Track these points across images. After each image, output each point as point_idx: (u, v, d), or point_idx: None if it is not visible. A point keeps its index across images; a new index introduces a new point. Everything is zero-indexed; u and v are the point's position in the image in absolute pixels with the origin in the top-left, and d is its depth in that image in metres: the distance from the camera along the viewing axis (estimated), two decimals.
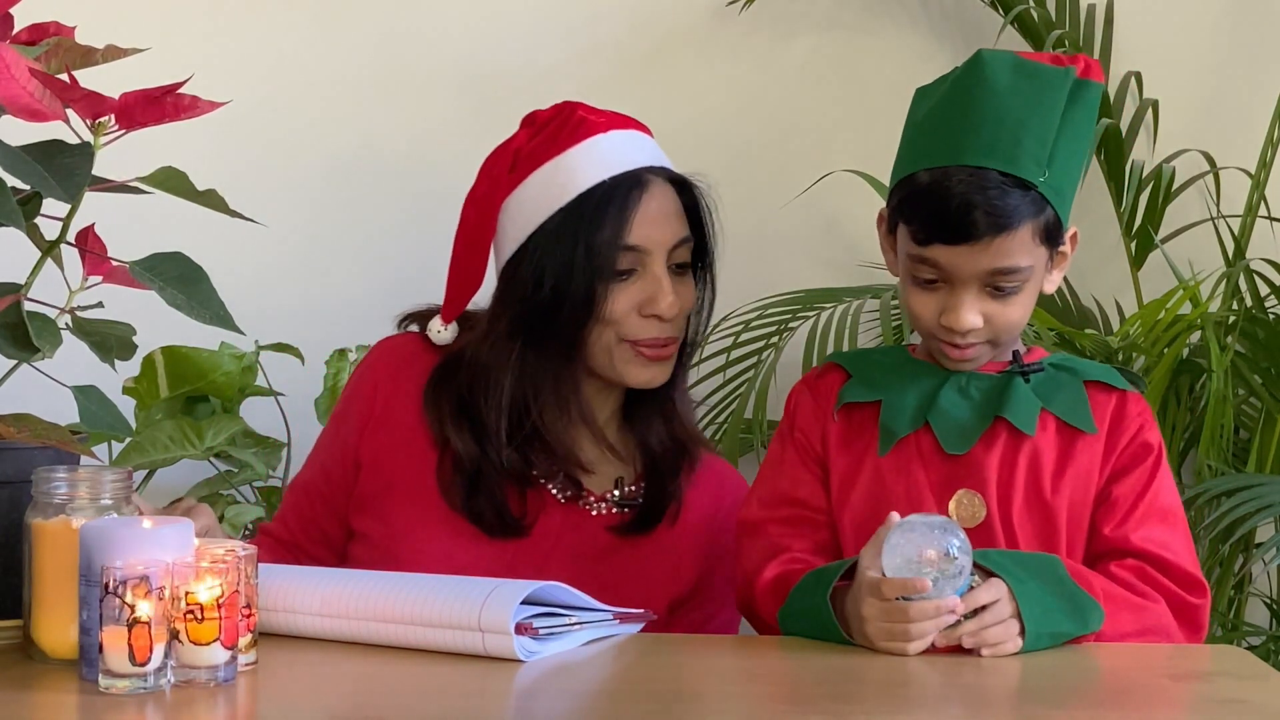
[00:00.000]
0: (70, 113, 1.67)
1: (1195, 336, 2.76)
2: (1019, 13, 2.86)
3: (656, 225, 2.04)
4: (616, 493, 2.11)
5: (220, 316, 1.71)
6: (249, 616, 1.58)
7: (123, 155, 1.71)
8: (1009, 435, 1.87)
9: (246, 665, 1.58)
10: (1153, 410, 2.57)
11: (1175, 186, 2.84)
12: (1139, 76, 2.95)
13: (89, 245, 1.77)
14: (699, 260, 2.11)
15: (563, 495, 2.09)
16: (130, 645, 1.49)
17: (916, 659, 1.69)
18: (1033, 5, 2.88)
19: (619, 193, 2.03)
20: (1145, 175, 2.83)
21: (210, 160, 2.27)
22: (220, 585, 1.52)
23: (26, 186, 1.63)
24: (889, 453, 1.88)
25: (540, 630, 1.67)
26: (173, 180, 1.71)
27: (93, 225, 1.79)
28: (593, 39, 3.00)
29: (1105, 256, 2.95)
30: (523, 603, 1.66)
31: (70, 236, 1.73)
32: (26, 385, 1.77)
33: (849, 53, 3.02)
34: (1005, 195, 1.79)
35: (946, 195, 1.79)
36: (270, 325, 2.80)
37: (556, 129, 2.07)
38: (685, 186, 2.09)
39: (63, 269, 1.76)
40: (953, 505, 1.86)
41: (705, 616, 2.11)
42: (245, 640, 1.57)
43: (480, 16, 3.00)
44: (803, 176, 2.90)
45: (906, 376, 1.92)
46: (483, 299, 2.13)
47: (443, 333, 2.12)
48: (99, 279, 1.77)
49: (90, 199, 1.68)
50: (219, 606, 1.52)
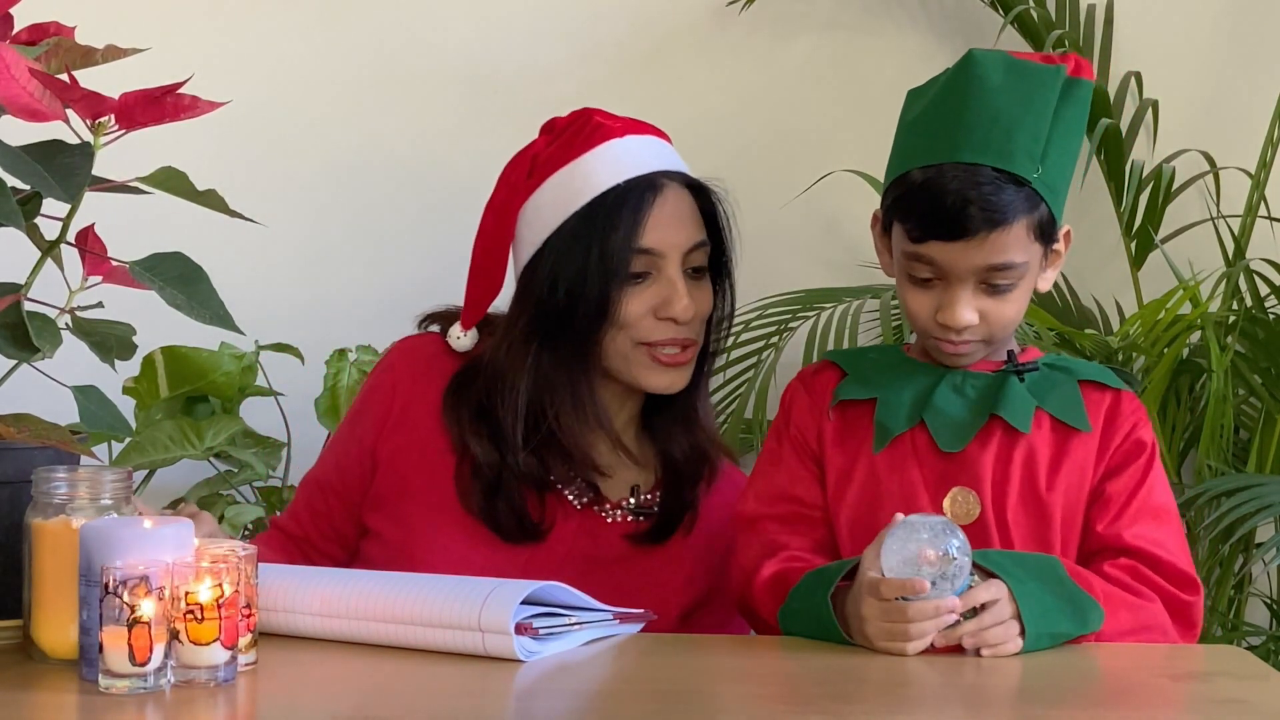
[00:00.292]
0: (70, 113, 1.67)
1: (1195, 336, 2.76)
2: (1019, 13, 2.86)
3: (670, 228, 2.04)
4: (632, 500, 2.11)
5: (220, 316, 1.71)
6: (249, 616, 1.58)
7: (123, 155, 1.71)
8: (1004, 433, 1.87)
9: (246, 665, 1.58)
10: (1151, 410, 2.59)
11: (1175, 186, 2.84)
12: (1139, 76, 2.94)
13: (89, 245, 1.77)
14: (717, 267, 2.10)
15: (579, 502, 2.09)
16: (130, 645, 1.48)
17: (916, 659, 1.69)
18: (1033, 5, 2.88)
19: (633, 196, 2.03)
20: (1145, 175, 2.83)
21: (210, 160, 2.27)
22: (220, 585, 1.52)
23: (26, 186, 1.63)
24: (884, 450, 1.88)
25: (540, 630, 1.67)
26: (173, 180, 1.71)
27: (93, 225, 1.78)
28: (593, 39, 3.00)
29: (1105, 256, 2.95)
30: (523, 603, 1.66)
31: (70, 236, 1.73)
32: (26, 385, 1.77)
33: (849, 53, 3.02)
34: (1000, 191, 1.79)
35: (941, 192, 1.79)
36: (270, 325, 2.79)
37: (573, 134, 2.07)
38: (702, 191, 2.08)
39: (63, 269, 1.76)
40: (947, 503, 1.86)
41: (718, 623, 2.10)
42: (245, 640, 1.57)
43: (481, 17, 3.00)
44: (803, 176, 2.90)
45: (902, 375, 1.92)
46: (503, 304, 2.13)
47: (462, 339, 2.11)
48: (99, 279, 1.77)
49: (90, 199, 1.68)
50: (219, 606, 1.52)
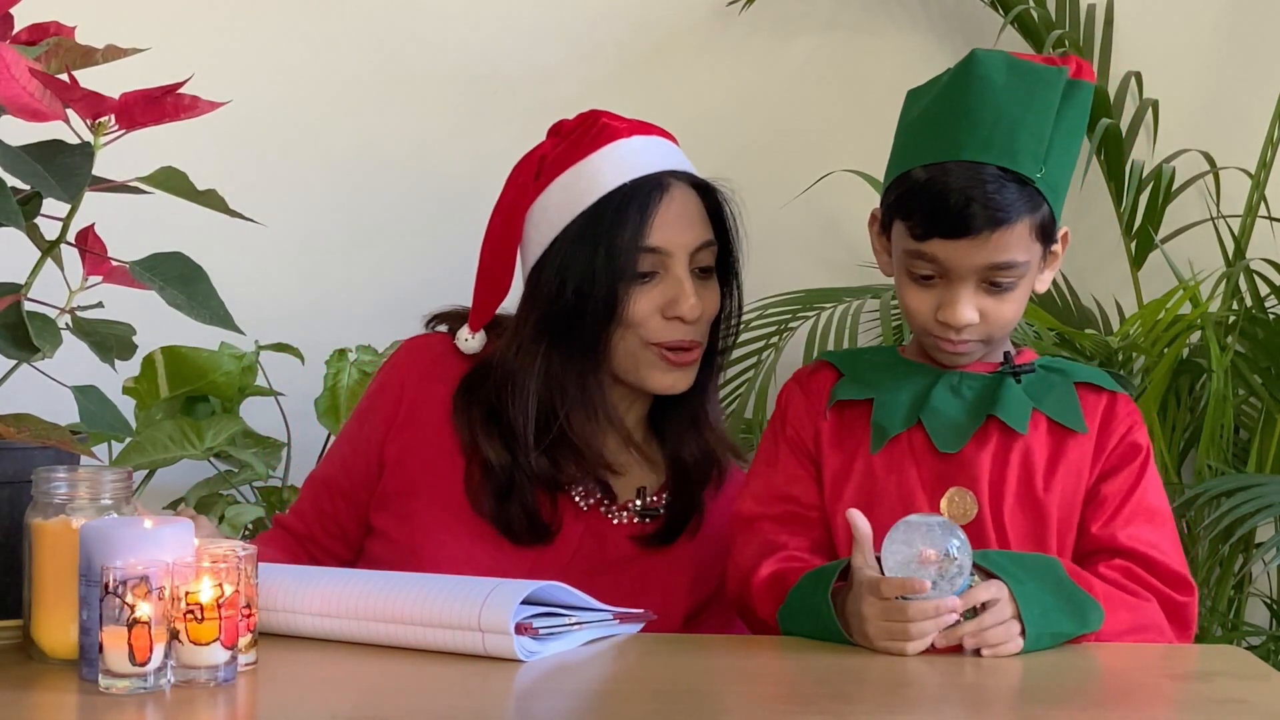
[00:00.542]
0: (70, 113, 1.67)
1: (1195, 336, 2.76)
2: (1019, 13, 2.86)
3: (677, 227, 2.04)
4: (638, 502, 2.10)
5: (220, 316, 1.71)
6: (249, 616, 1.58)
7: (123, 155, 1.71)
8: (1001, 434, 1.87)
9: (246, 665, 1.58)
10: (1151, 410, 2.59)
11: (1175, 186, 2.84)
12: (1139, 76, 2.95)
13: (89, 245, 1.77)
14: (724, 267, 2.11)
15: (585, 503, 2.09)
16: (130, 645, 1.48)
17: (916, 659, 1.68)
18: (1033, 5, 2.88)
19: (640, 195, 2.03)
20: (1145, 175, 2.83)
21: (210, 160, 2.27)
22: (220, 585, 1.52)
23: (26, 186, 1.63)
24: (881, 451, 1.88)
25: (540, 630, 1.67)
26: (173, 180, 1.71)
27: (93, 225, 1.78)
28: (594, 40, 3.00)
29: (1105, 256, 2.95)
30: (523, 603, 1.66)
31: (70, 236, 1.73)
32: (26, 385, 1.77)
33: (849, 53, 3.03)
34: (1003, 189, 1.79)
35: (945, 190, 1.79)
36: (270, 325, 2.80)
37: (580, 135, 2.07)
38: (709, 191, 2.08)
39: (63, 269, 1.76)
40: (944, 503, 1.86)
41: (722, 625, 2.10)
42: (245, 640, 1.57)
43: (481, 17, 3.00)
44: (803, 176, 2.90)
45: (899, 375, 1.92)
46: (511, 305, 2.12)
47: (470, 341, 2.11)
48: (99, 279, 1.77)
49: (90, 199, 1.68)
50: (219, 606, 1.52)
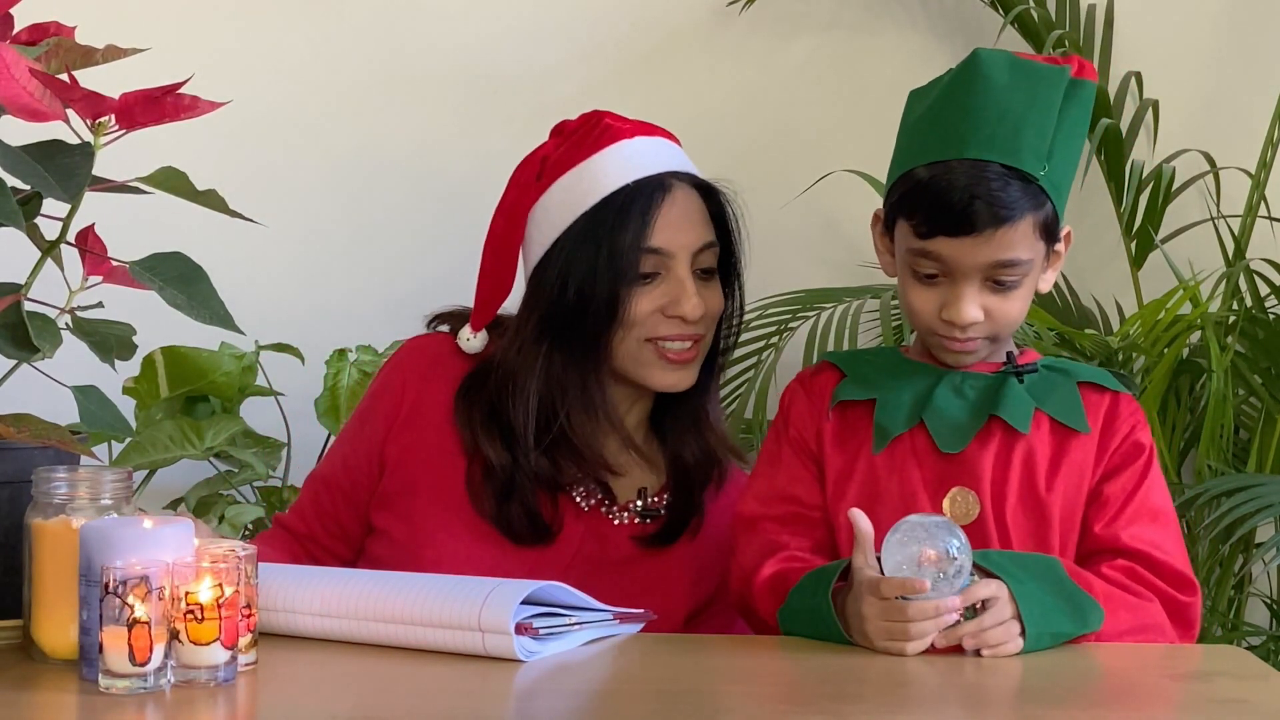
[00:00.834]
0: (70, 113, 1.67)
1: (1195, 336, 2.76)
2: (1019, 13, 2.86)
3: (679, 228, 2.04)
4: (639, 503, 2.10)
5: (220, 316, 1.71)
6: (249, 616, 1.58)
7: (123, 155, 1.71)
8: (1003, 434, 1.87)
9: (246, 665, 1.58)
10: (1151, 410, 2.59)
11: (1175, 186, 2.84)
12: (1139, 76, 2.95)
13: (89, 245, 1.77)
14: (726, 267, 2.11)
15: (586, 504, 2.09)
16: (130, 645, 1.48)
17: (916, 659, 1.68)
18: (1033, 5, 2.88)
19: (641, 196, 2.03)
20: (1145, 175, 2.83)
21: (210, 160, 2.27)
22: (220, 585, 1.52)
23: (26, 186, 1.63)
24: (883, 451, 1.88)
25: (540, 630, 1.67)
26: (173, 180, 1.71)
27: (93, 225, 1.78)
28: (594, 40, 3.00)
29: (1105, 256, 2.95)
30: (523, 603, 1.66)
31: (70, 236, 1.73)
32: (26, 385, 1.77)
33: (849, 53, 3.02)
34: (1007, 187, 1.79)
35: (949, 187, 1.79)
36: (270, 325, 2.80)
37: (582, 136, 2.07)
38: (710, 192, 2.08)
39: (63, 269, 1.76)
40: (947, 503, 1.86)
41: (723, 626, 2.10)
42: (245, 640, 1.57)
43: (482, 18, 3.00)
44: (803, 176, 2.90)
45: (901, 376, 1.92)
46: (513, 305, 2.12)
47: (472, 341, 2.11)
48: (99, 279, 1.77)
49: (90, 199, 1.68)
50: (219, 606, 1.52)
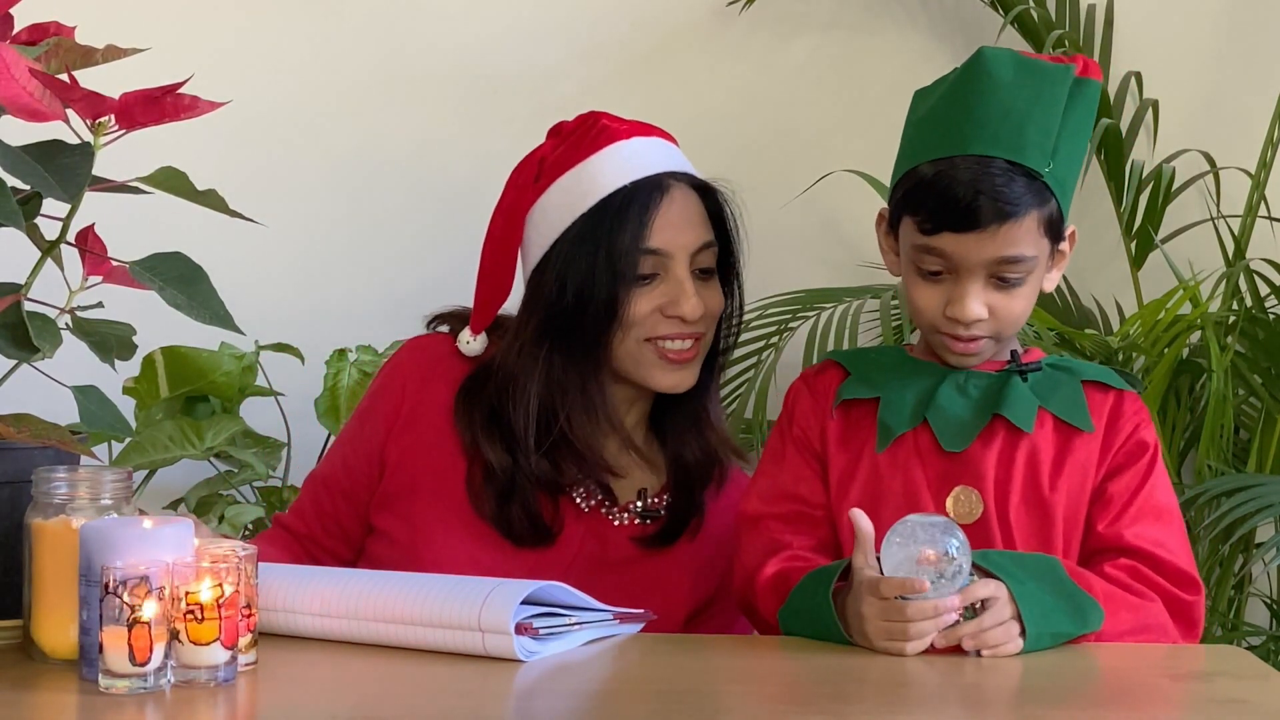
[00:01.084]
0: (70, 113, 1.67)
1: (1195, 336, 2.76)
2: (1019, 13, 2.86)
3: (677, 229, 2.03)
4: (639, 504, 2.10)
5: (220, 316, 1.71)
6: (249, 616, 1.58)
7: (123, 155, 1.71)
8: (1007, 433, 1.87)
9: (246, 665, 1.58)
10: (1151, 410, 2.58)
11: (1175, 186, 2.84)
12: (1139, 76, 2.95)
13: (89, 245, 1.77)
14: (725, 267, 2.10)
15: (586, 505, 2.09)
16: (130, 645, 1.48)
17: (916, 659, 1.68)
18: (1033, 5, 2.88)
19: (639, 197, 2.03)
20: (1145, 175, 2.83)
21: (211, 160, 2.27)
22: (220, 585, 1.52)
23: (26, 186, 1.63)
24: (887, 449, 1.88)
25: (540, 630, 1.67)
26: (173, 180, 1.71)
27: (93, 225, 1.78)
28: (594, 40, 3.00)
29: (1105, 256, 2.95)
30: (523, 603, 1.66)
31: (70, 236, 1.73)
32: (26, 385, 1.77)
33: (849, 53, 3.03)
34: (1011, 183, 1.79)
35: (954, 183, 1.79)
36: (270, 325, 2.80)
37: (580, 137, 2.07)
38: (709, 192, 2.08)
39: (63, 269, 1.76)
40: (950, 502, 1.86)
41: (723, 626, 2.10)
42: (245, 640, 1.57)
43: (482, 18, 3.00)
44: (803, 176, 2.90)
45: (905, 374, 1.92)
46: (512, 306, 2.12)
47: (472, 343, 2.11)
48: (99, 279, 1.77)
49: (90, 199, 1.68)
50: (219, 606, 1.52)
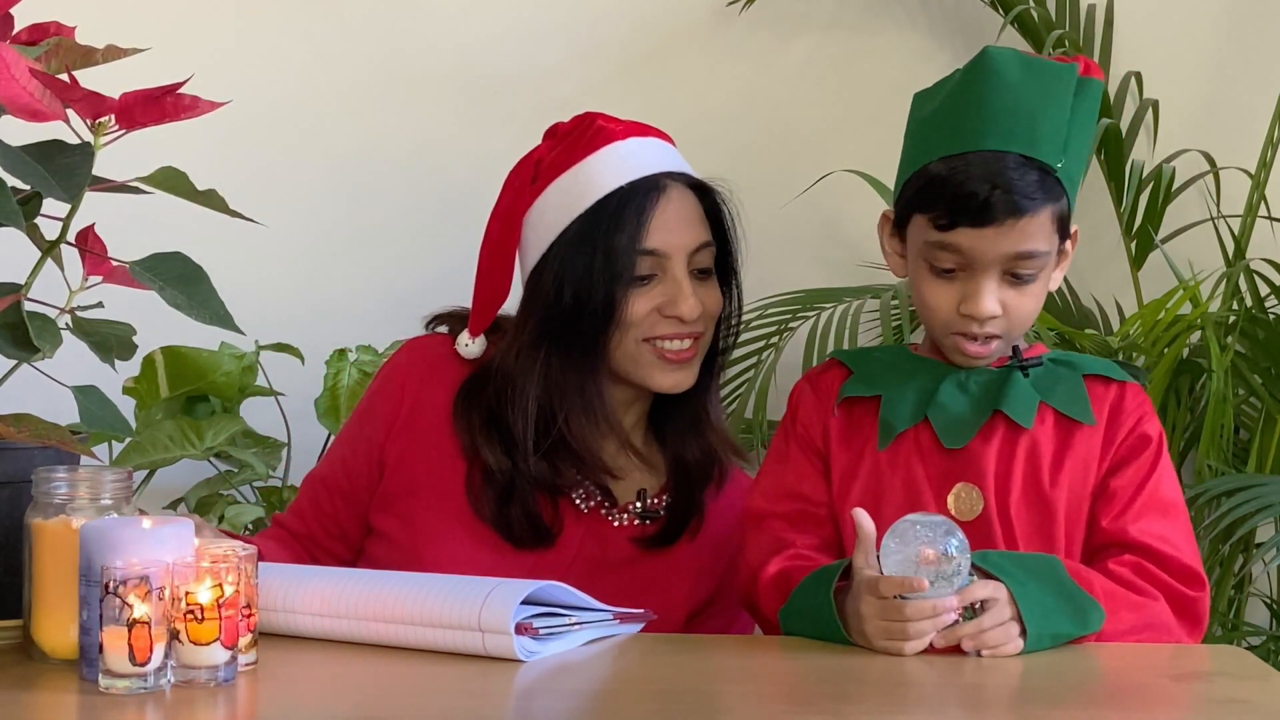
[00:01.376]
0: (70, 113, 1.67)
1: (1195, 336, 2.76)
2: (1019, 13, 2.86)
3: (675, 229, 2.03)
4: (638, 504, 2.10)
5: (220, 316, 1.71)
6: (249, 616, 1.58)
7: (123, 155, 1.71)
8: (1007, 429, 1.87)
9: (246, 665, 1.58)
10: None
11: (1175, 186, 2.84)
12: (1139, 76, 2.95)
13: (89, 245, 1.77)
14: (723, 267, 2.10)
15: (585, 506, 2.09)
16: (130, 645, 1.48)
17: (916, 659, 1.68)
18: (1033, 5, 2.88)
19: (636, 197, 2.02)
20: (1145, 175, 2.83)
21: (211, 160, 2.26)
22: (220, 585, 1.52)
23: (26, 186, 1.63)
24: (888, 447, 1.88)
25: (540, 630, 1.67)
26: (173, 180, 1.71)
27: (93, 225, 1.78)
28: (594, 40, 3.00)
29: (1105, 256, 2.95)
30: (523, 603, 1.66)
31: (70, 236, 1.73)
32: (26, 385, 1.77)
33: (849, 53, 3.03)
34: (1026, 177, 1.79)
35: (969, 178, 1.79)
36: (270, 325, 2.80)
37: (576, 138, 2.07)
38: (706, 192, 2.08)
39: (63, 269, 1.76)
40: (951, 499, 1.86)
41: (723, 626, 2.11)
42: (245, 640, 1.57)
43: (481, 18, 3.00)
44: (803, 176, 2.90)
45: (906, 372, 1.92)
46: (511, 308, 2.12)
47: (470, 346, 2.11)
48: (99, 279, 1.77)
49: (90, 199, 1.68)
50: (219, 606, 1.52)
